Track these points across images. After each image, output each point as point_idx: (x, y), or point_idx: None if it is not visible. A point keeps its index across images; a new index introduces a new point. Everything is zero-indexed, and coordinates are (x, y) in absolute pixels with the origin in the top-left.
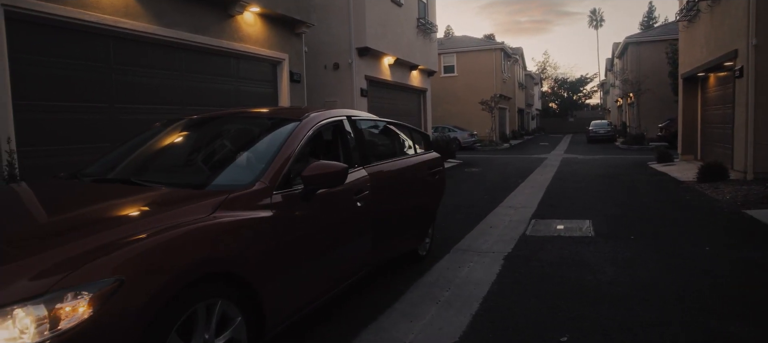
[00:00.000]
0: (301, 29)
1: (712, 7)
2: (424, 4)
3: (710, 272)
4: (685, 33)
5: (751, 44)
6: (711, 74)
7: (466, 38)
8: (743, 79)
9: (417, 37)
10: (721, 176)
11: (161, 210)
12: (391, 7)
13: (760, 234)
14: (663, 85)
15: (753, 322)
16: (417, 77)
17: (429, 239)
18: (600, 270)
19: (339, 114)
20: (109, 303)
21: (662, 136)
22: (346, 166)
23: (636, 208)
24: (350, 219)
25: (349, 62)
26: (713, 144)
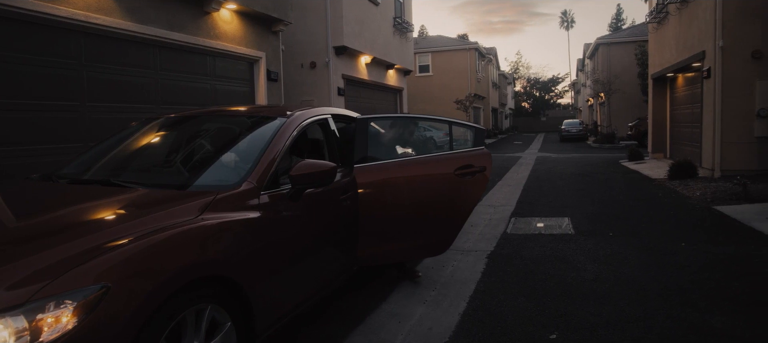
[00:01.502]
0: (278, 27)
1: (680, 9)
2: (400, 3)
3: (688, 267)
4: (655, 34)
5: (718, 46)
6: (679, 75)
7: (441, 38)
8: (711, 79)
9: (393, 36)
10: (691, 174)
11: (145, 212)
12: (368, 6)
13: (730, 229)
14: (632, 85)
15: (732, 314)
16: (393, 76)
17: None
18: (582, 267)
19: (324, 112)
20: (95, 312)
21: (632, 135)
22: (334, 165)
23: (612, 205)
24: (339, 218)
25: (326, 61)
26: (682, 143)
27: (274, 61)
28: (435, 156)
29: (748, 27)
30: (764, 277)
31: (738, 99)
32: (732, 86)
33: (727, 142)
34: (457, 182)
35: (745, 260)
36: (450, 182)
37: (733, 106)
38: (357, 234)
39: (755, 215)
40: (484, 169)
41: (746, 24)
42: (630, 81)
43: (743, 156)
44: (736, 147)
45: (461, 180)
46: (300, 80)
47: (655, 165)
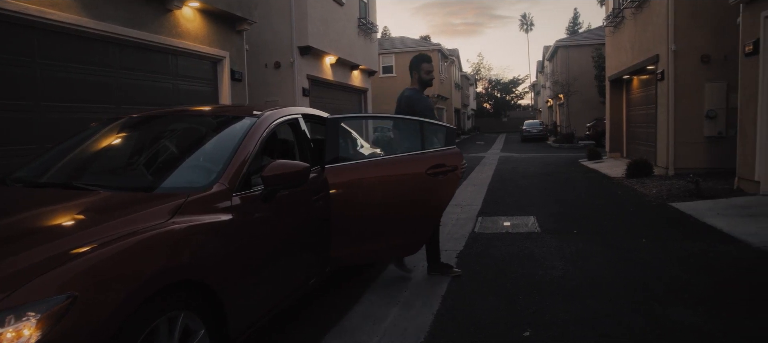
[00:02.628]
0: (242, 26)
1: (635, 14)
2: (364, 3)
3: (650, 263)
4: (612, 38)
5: (671, 50)
6: (635, 77)
7: (404, 39)
8: (664, 82)
9: (358, 36)
10: (647, 172)
11: (112, 216)
12: (333, 7)
13: (686, 225)
14: (590, 86)
15: (693, 307)
16: (358, 77)
17: None
18: (550, 265)
19: (294, 112)
20: (61, 324)
21: (590, 135)
22: (307, 166)
23: (574, 203)
24: (310, 219)
25: (291, 61)
26: (638, 142)
27: (238, 61)
28: (407, 156)
29: (698, 33)
30: (720, 271)
31: (689, 100)
32: (684, 88)
33: (679, 141)
34: (429, 182)
35: (702, 254)
36: (422, 181)
37: (684, 107)
38: (330, 235)
39: (708, 211)
40: (455, 168)
41: (696, 30)
42: (588, 83)
43: (695, 155)
44: (688, 146)
45: (433, 179)
46: (264, 80)
47: (613, 164)
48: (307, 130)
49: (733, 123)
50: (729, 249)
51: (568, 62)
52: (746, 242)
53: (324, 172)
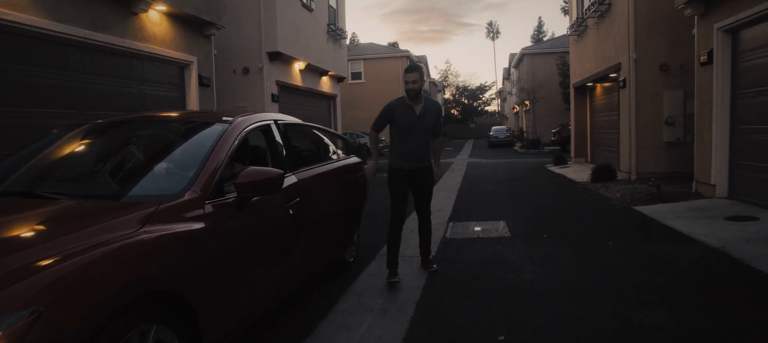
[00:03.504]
0: (210, 31)
1: (598, 24)
2: (334, 10)
3: (617, 265)
4: (575, 46)
5: (631, 58)
6: (598, 84)
7: (373, 45)
8: (626, 89)
9: (327, 43)
10: (611, 177)
11: (79, 226)
12: (302, 12)
13: (650, 228)
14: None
15: (659, 307)
16: (327, 83)
17: (355, 246)
18: (521, 269)
19: (267, 118)
20: (25, 341)
21: (555, 141)
22: (281, 172)
23: (542, 208)
24: (284, 227)
25: (260, 67)
26: (602, 148)
27: (207, 66)
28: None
29: (657, 43)
30: (681, 271)
31: (649, 107)
32: (644, 96)
33: (641, 147)
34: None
35: (665, 256)
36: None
37: (645, 113)
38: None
39: (669, 214)
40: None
41: (655, 40)
42: (553, 89)
43: (655, 160)
44: (649, 151)
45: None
46: (233, 86)
47: (578, 169)
48: (279, 137)
49: (690, 129)
50: (689, 250)
51: (534, 69)
52: (704, 243)
53: (297, 178)
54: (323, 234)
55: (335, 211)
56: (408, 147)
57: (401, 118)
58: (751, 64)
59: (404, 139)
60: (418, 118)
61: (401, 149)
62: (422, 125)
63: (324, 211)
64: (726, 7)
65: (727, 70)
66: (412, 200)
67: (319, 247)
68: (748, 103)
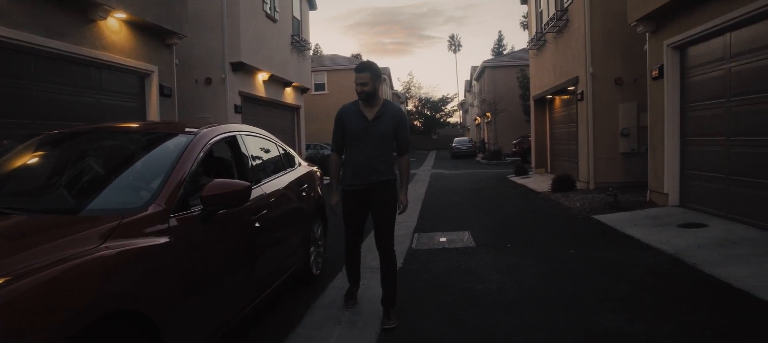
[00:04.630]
0: (172, 40)
1: (556, 39)
2: (298, 21)
3: (579, 273)
4: (535, 60)
5: (588, 72)
6: (557, 97)
7: (336, 57)
8: (584, 102)
9: (291, 54)
10: (570, 187)
11: (33, 243)
12: (266, 23)
13: (609, 236)
14: (516, 105)
15: (621, 313)
16: (291, 94)
17: (321, 257)
18: (487, 279)
19: (232, 129)
20: None
21: (516, 152)
22: (249, 185)
23: (506, 218)
24: (250, 240)
25: (223, 77)
26: (561, 158)
27: (168, 76)
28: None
29: (612, 57)
30: (641, 278)
31: (606, 119)
32: (601, 108)
33: (599, 157)
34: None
35: (624, 263)
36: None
37: (602, 125)
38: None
39: (626, 222)
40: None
41: (610, 55)
42: (513, 101)
43: (612, 170)
44: (606, 162)
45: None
46: (195, 96)
47: (539, 179)
48: (245, 148)
49: (644, 140)
50: (646, 257)
51: (495, 82)
52: (659, 249)
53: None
54: (288, 246)
55: (300, 222)
56: (357, 159)
57: (351, 124)
58: (698, 79)
59: (354, 150)
60: (371, 123)
61: (351, 163)
62: (375, 132)
63: (289, 222)
64: (674, 25)
65: (676, 84)
66: None
67: (285, 259)
68: (695, 116)
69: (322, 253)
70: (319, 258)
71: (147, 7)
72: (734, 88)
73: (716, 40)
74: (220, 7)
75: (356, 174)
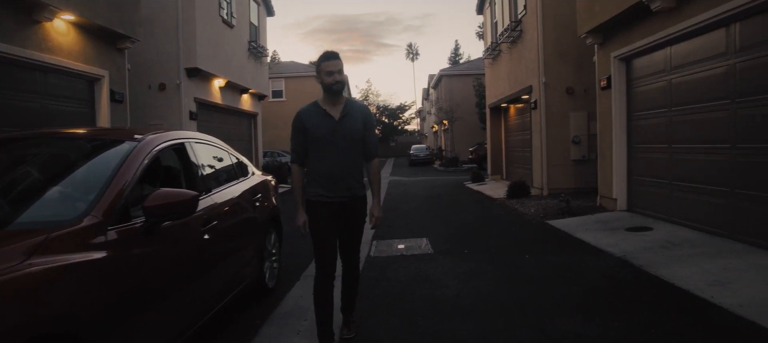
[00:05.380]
0: (124, 44)
1: (511, 49)
2: (255, 27)
3: (534, 278)
4: (490, 69)
5: (541, 82)
6: (512, 105)
7: (294, 64)
8: (537, 110)
9: (248, 60)
10: (525, 193)
11: None
12: (223, 29)
13: (562, 240)
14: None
15: (574, 316)
16: (248, 101)
17: (277, 268)
18: (445, 285)
19: (180, 136)
20: None
21: (473, 159)
22: (196, 194)
23: (463, 224)
24: (199, 253)
25: (178, 83)
26: (516, 165)
27: (119, 81)
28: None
29: (563, 67)
30: (590, 279)
31: (558, 127)
32: (553, 116)
33: (552, 164)
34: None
35: (576, 266)
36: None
37: (555, 133)
38: (222, 267)
39: (578, 227)
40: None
41: (561, 65)
42: (470, 109)
43: (565, 176)
44: (559, 168)
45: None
46: (148, 102)
47: (495, 186)
48: (194, 156)
49: (594, 148)
50: (597, 260)
51: (452, 90)
52: (609, 252)
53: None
54: (241, 258)
55: (253, 233)
56: (327, 166)
57: (315, 126)
58: (642, 89)
59: (322, 155)
60: (338, 123)
61: (320, 170)
62: (346, 133)
63: (242, 233)
64: (620, 38)
65: (623, 94)
66: None
67: (238, 271)
68: (641, 125)
69: (277, 264)
70: (275, 269)
71: (97, 10)
72: (675, 99)
73: (658, 53)
74: (175, 11)
75: (330, 185)
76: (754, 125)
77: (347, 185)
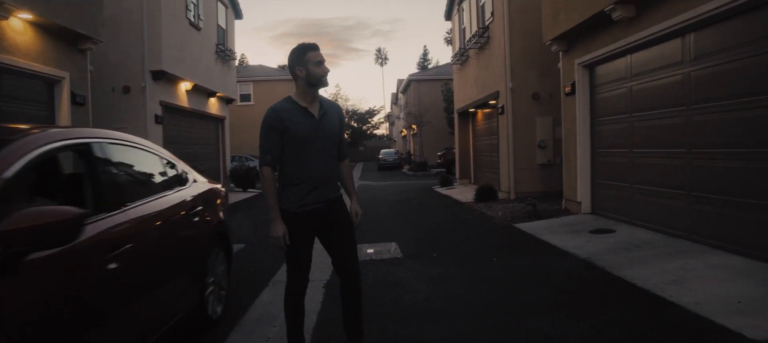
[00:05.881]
0: (86, 45)
1: (478, 54)
2: (223, 30)
3: (502, 280)
4: (459, 75)
5: (508, 88)
6: (480, 110)
7: (263, 67)
8: (505, 115)
9: (216, 63)
10: (493, 197)
11: None
12: (190, 31)
13: (529, 243)
14: (440, 118)
15: (541, 316)
16: (215, 105)
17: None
18: (415, 289)
19: (86, 135)
20: None
21: (441, 163)
22: (80, 213)
23: (431, 228)
24: (99, 290)
25: (143, 86)
26: (484, 169)
27: (81, 83)
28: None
29: (529, 73)
30: (556, 281)
31: (525, 132)
32: (520, 121)
33: (518, 168)
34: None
35: (543, 268)
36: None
37: (521, 138)
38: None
39: (544, 230)
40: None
41: (528, 71)
42: (438, 114)
43: (531, 180)
44: (525, 172)
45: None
46: (112, 105)
47: (463, 190)
48: (108, 161)
49: (559, 152)
50: (563, 262)
51: (420, 95)
52: (574, 254)
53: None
54: (172, 287)
55: (190, 254)
56: (307, 170)
57: (297, 125)
58: (605, 95)
59: (301, 158)
60: (319, 122)
61: (298, 175)
62: (327, 133)
63: (172, 256)
64: (583, 45)
65: (587, 100)
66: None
67: (168, 304)
68: (604, 130)
69: (225, 290)
70: (222, 295)
71: (56, 9)
72: (636, 105)
73: (620, 61)
74: (140, 12)
75: (310, 190)
76: (707, 131)
77: (325, 190)
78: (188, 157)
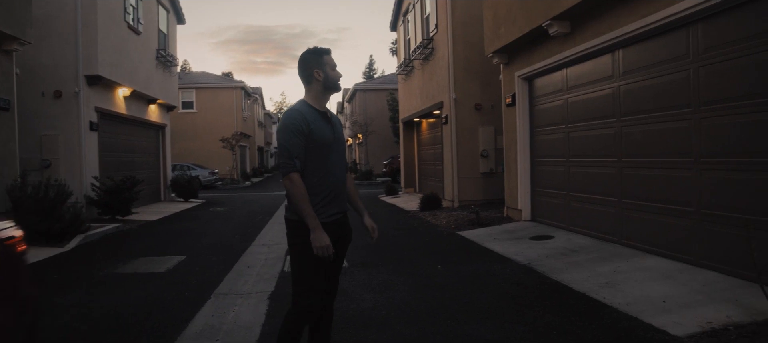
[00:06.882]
0: (11, 46)
1: (423, 65)
2: (164, 35)
3: (446, 287)
4: (404, 85)
5: (452, 98)
6: (424, 120)
7: (206, 74)
8: (448, 125)
9: (156, 69)
10: (437, 205)
11: None
12: (128, 35)
13: (472, 250)
14: (386, 127)
15: (483, 322)
16: (156, 112)
17: None
18: (360, 298)
19: None
20: None
21: (387, 172)
22: None
23: (377, 237)
24: None
25: (76, 91)
26: (428, 178)
27: (6, 87)
28: None
29: (472, 85)
30: (498, 286)
31: (468, 142)
32: (463, 131)
33: (462, 177)
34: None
35: (485, 275)
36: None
37: (465, 147)
38: None
39: (487, 237)
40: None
41: (470, 82)
42: (384, 123)
43: (474, 188)
44: (469, 181)
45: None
46: (41, 111)
47: (408, 199)
48: None
49: (501, 161)
50: (504, 268)
51: (366, 104)
52: (515, 260)
53: None
54: None
55: None
56: (330, 179)
57: (321, 130)
58: (543, 107)
59: (323, 166)
60: (335, 128)
61: (322, 184)
62: (341, 141)
63: None
64: (523, 58)
65: (526, 111)
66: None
67: None
68: (543, 140)
69: None
70: None
71: None
72: (571, 117)
73: (557, 74)
74: (74, 14)
75: (331, 201)
76: (633, 141)
77: (342, 200)
78: (127, 166)
